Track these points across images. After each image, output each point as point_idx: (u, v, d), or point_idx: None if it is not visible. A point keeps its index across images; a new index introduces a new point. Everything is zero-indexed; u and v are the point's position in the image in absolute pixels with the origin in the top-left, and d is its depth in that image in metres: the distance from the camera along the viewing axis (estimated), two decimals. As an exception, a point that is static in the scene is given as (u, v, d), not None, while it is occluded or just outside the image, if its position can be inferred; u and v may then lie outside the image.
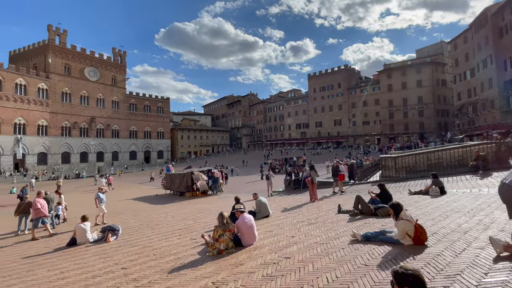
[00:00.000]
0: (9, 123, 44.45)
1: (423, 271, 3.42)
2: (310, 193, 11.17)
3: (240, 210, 6.21)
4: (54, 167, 49.53)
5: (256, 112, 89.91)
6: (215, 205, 12.68)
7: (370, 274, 3.60)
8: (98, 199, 10.35)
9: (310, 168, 11.51)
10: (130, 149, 64.73)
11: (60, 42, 52.67)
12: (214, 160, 57.80)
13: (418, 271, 2.16)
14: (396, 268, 2.20)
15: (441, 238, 4.69)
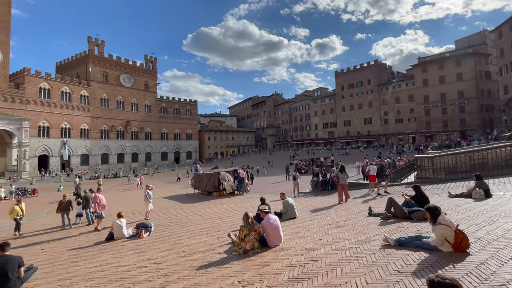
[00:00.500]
0: (56, 127, 49.18)
1: (463, 280, 3.15)
2: (339, 194, 10.82)
3: (265, 211, 6.21)
4: (96, 167, 53.74)
5: (281, 112, 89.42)
6: (241, 205, 12.83)
7: (403, 282, 3.39)
8: (148, 196, 11.15)
9: (339, 169, 11.15)
10: (162, 150, 68.04)
11: (98, 52, 57.08)
12: (240, 161, 58.52)
13: (457, 281, 1.99)
14: (432, 276, 2.05)
15: (485, 245, 4.27)
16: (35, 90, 46.03)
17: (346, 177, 11.05)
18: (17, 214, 10.10)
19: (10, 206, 10.42)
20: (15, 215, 10.09)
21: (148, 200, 11.15)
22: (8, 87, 42.77)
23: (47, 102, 47.63)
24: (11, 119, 40.86)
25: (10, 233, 10.48)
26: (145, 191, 11.37)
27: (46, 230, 10.77)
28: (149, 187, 11.73)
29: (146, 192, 11.27)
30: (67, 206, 10.96)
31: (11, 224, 11.88)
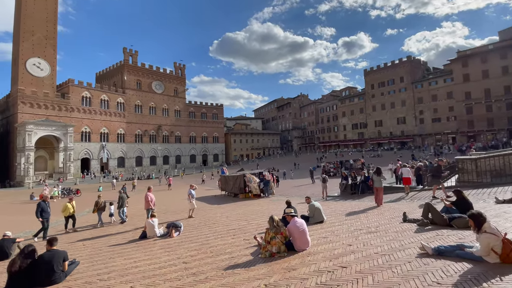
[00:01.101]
0: (96, 132, 53.38)
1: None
2: (375, 198, 10.36)
3: (291, 214, 6.11)
4: (131, 169, 57.30)
5: (307, 114, 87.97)
6: (266, 208, 12.79)
7: (444, 294, 3.12)
8: (190, 195, 11.73)
9: (375, 171, 10.66)
10: (190, 153, 70.57)
11: (132, 61, 61.04)
12: (265, 163, 58.52)
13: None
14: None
15: (544, 258, 3.76)
16: (78, 98, 50.50)
17: (383, 180, 10.50)
18: (69, 212, 10.94)
19: (63, 204, 11.26)
20: (68, 213, 10.93)
21: (191, 199, 11.71)
22: (56, 97, 47.43)
23: (89, 109, 51.94)
24: (58, 126, 45.18)
25: (59, 229, 11.49)
26: (189, 191, 11.97)
27: (87, 227, 11.67)
28: (193, 187, 12.34)
29: (190, 191, 11.87)
30: (101, 206, 11.82)
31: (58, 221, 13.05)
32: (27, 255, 5.17)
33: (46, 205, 9.96)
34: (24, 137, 41.37)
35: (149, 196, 10.70)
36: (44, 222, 9.76)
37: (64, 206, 10.98)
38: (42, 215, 9.70)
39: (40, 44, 45.90)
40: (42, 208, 9.77)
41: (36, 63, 45.29)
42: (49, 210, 10.07)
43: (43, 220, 9.71)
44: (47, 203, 10.19)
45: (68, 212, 10.89)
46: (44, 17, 46.65)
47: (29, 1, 45.08)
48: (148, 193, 10.83)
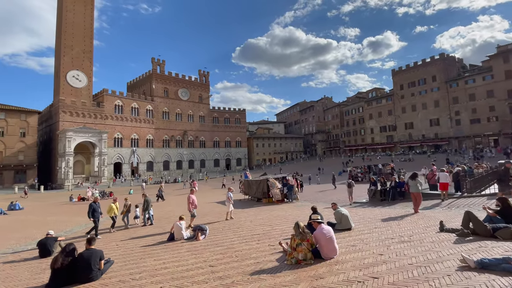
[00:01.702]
0: (127, 138, 56.57)
1: None
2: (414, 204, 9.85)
3: (318, 220, 5.96)
4: (160, 173, 59.82)
5: (331, 116, 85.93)
6: (290, 213, 12.61)
7: (491, 313, 2.84)
8: (230, 198, 12.06)
9: (411, 176, 10.14)
10: (214, 157, 72.04)
11: (160, 70, 64.14)
12: (288, 167, 57.89)
13: None
14: None
15: None
16: (111, 107, 54.00)
17: (419, 185, 9.92)
18: (114, 212, 11.54)
19: (109, 205, 11.68)
20: (113, 213, 11.54)
21: (229, 201, 12.03)
22: (92, 106, 51.15)
23: (121, 116, 55.29)
24: (94, 132, 48.59)
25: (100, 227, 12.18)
26: (228, 193, 12.36)
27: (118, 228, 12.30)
28: (231, 190, 12.72)
29: (229, 194, 12.25)
30: (128, 209, 12.41)
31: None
32: (68, 253, 5.58)
33: (97, 206, 10.70)
34: (64, 143, 45.03)
35: (191, 198, 11.07)
36: (96, 221, 10.50)
37: (110, 206, 11.53)
38: (94, 215, 10.44)
39: (79, 58, 49.99)
40: (93, 208, 10.51)
41: (75, 75, 49.33)
42: (99, 210, 10.80)
43: (94, 219, 10.46)
44: (98, 203, 10.91)
45: (113, 212, 11.51)
46: (82, 33, 50.82)
47: (69, 19, 49.44)
48: (190, 195, 11.21)
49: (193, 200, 11.06)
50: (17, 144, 44.56)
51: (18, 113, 45.36)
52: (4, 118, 43.72)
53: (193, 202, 11.03)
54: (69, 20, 49.32)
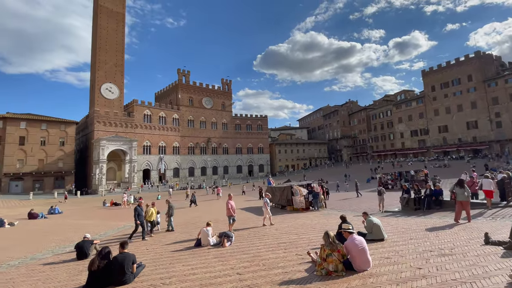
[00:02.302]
0: (155, 146, 59.16)
1: None
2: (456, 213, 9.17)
3: (348, 230, 5.70)
4: (186, 179, 61.59)
5: (357, 121, 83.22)
6: (317, 222, 12.23)
7: None
8: (266, 203, 12.12)
9: (457, 183, 9.46)
10: (237, 164, 72.76)
11: (185, 81, 66.76)
12: (312, 174, 56.66)
13: None
14: None
15: None
16: (141, 116, 56.98)
17: (467, 193, 9.19)
18: (153, 216, 11.83)
19: (149, 209, 11.71)
20: (153, 217, 11.65)
21: (266, 207, 12.09)
22: (123, 116, 54.35)
23: (149, 125, 58.09)
24: (125, 141, 51.43)
25: (126, 233, 12.75)
26: (264, 199, 12.49)
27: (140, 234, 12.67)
28: (268, 196, 12.80)
29: (265, 200, 12.35)
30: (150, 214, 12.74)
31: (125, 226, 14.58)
32: (104, 256, 5.85)
33: (141, 210, 11.14)
34: (98, 151, 48.14)
35: (229, 204, 11.14)
36: (142, 224, 10.92)
37: (150, 211, 11.72)
38: (138, 218, 10.87)
39: (111, 71, 53.66)
40: (138, 212, 10.94)
41: (108, 87, 52.92)
42: (143, 214, 11.22)
43: (139, 222, 10.83)
44: (141, 207, 11.33)
45: (153, 216, 11.76)
46: (114, 48, 54.62)
47: (103, 36, 53.45)
48: (229, 200, 11.31)
49: (232, 205, 11.15)
50: (57, 152, 48.44)
51: (58, 124, 49.45)
52: (46, 128, 47.84)
53: (232, 207, 11.11)
54: (103, 37, 53.30)
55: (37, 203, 30.73)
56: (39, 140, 46.89)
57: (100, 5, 53.54)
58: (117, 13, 55.79)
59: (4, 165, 43.12)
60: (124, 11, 57.68)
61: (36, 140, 46.54)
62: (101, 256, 5.86)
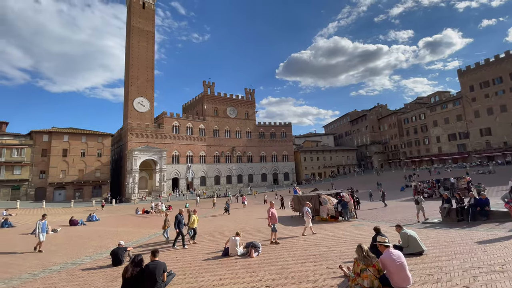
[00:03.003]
0: (183, 155, 61.29)
1: None
2: None
3: (385, 244, 5.31)
4: (212, 187, 62.76)
5: (387, 126, 79.35)
6: (348, 233, 11.63)
7: None
8: (307, 213, 11.85)
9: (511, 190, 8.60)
10: (261, 172, 72.62)
11: (210, 92, 68.97)
12: (341, 183, 54.61)
13: None
14: None
15: None
16: (169, 127, 59.62)
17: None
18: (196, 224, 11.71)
19: (191, 216, 11.72)
20: (196, 224, 11.64)
21: (308, 216, 11.69)
22: (153, 127, 57.26)
23: (177, 136, 60.51)
24: (155, 151, 53.95)
25: (157, 240, 13.17)
26: (305, 208, 12.11)
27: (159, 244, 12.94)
28: (308, 205, 12.40)
29: (306, 209, 11.98)
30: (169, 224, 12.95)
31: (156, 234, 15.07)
32: (137, 264, 6.04)
33: (181, 217, 11.36)
34: (131, 161, 50.95)
35: (270, 211, 10.65)
36: (181, 232, 11.00)
37: (193, 218, 11.70)
38: (179, 226, 11.00)
39: (143, 86, 57.16)
40: (179, 220, 11.08)
41: (140, 101, 56.29)
42: (183, 222, 11.41)
43: (179, 230, 10.97)
44: (182, 215, 11.56)
45: (195, 223, 11.71)
46: (145, 65, 58.31)
47: (134, 54, 57.39)
48: (270, 208, 10.85)
49: (272, 213, 10.62)
50: (95, 163, 52.10)
51: (95, 136, 53.36)
52: (85, 141, 51.83)
53: (273, 215, 10.58)
54: (135, 55, 57.23)
55: (77, 211, 33.09)
56: (80, 152, 50.86)
57: (133, 25, 57.79)
58: (147, 32, 59.78)
59: (49, 176, 47.26)
60: (154, 30, 61.63)
61: (77, 152, 50.54)
62: (134, 263, 6.04)
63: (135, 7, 58.73)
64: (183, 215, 11.53)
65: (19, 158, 45.43)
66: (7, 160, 44.32)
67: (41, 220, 12.18)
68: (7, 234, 17.26)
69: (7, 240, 15.03)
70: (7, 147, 44.66)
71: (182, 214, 11.63)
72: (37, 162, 47.06)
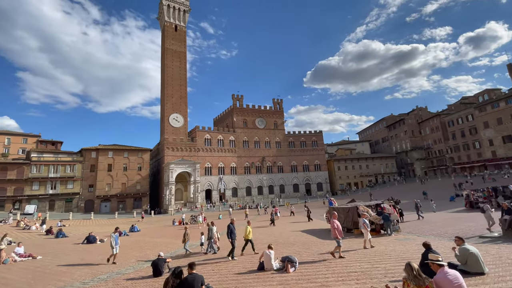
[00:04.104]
0: (215, 167, 62.91)
1: None
2: None
3: (439, 262, 4.76)
4: (244, 198, 63.16)
5: (429, 129, 73.49)
6: (392, 248, 10.72)
7: None
8: (365, 225, 11.37)
9: None
10: (293, 182, 71.26)
11: (239, 104, 70.66)
12: (380, 193, 51.26)
13: None
14: None
15: None
16: (202, 140, 61.93)
17: None
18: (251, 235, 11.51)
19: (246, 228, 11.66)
20: (251, 235, 11.45)
21: (366, 229, 11.21)
22: (187, 141, 59.94)
23: (209, 148, 62.51)
24: (189, 163, 56.17)
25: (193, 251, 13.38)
26: (362, 220, 11.61)
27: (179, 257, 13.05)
28: (366, 216, 11.83)
29: (363, 220, 11.51)
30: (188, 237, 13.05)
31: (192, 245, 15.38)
32: (177, 275, 6.18)
33: (233, 227, 11.30)
34: (168, 174, 53.59)
35: (335, 223, 9.90)
36: (233, 242, 10.85)
37: (248, 229, 11.51)
38: (231, 236, 10.92)
39: (177, 103, 60.64)
40: (231, 230, 11.00)
41: (175, 117, 59.62)
42: (235, 232, 11.23)
43: (232, 240, 10.87)
44: (233, 225, 11.49)
45: (250, 234, 11.46)
46: (179, 83, 62.04)
47: (169, 73, 61.44)
48: (333, 220, 10.20)
49: (337, 225, 9.87)
50: (135, 176, 55.78)
51: (136, 151, 57.35)
52: (127, 156, 55.94)
53: (338, 227, 9.78)
54: (169, 74, 61.26)
55: (121, 222, 35.38)
56: (122, 166, 54.95)
57: (167, 47, 62.26)
58: (180, 53, 63.88)
59: (97, 189, 51.57)
60: (186, 50, 65.66)
61: (120, 167, 54.67)
62: (175, 275, 6.20)
63: (168, 31, 63.40)
64: (233, 225, 11.22)
65: (72, 174, 50.43)
66: (62, 175, 49.45)
67: (114, 233, 12.38)
68: (62, 244, 18.97)
69: (62, 250, 16.48)
70: (61, 164, 49.98)
71: (234, 223, 11.32)
72: (86, 177, 51.75)
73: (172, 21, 64.49)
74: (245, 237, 11.49)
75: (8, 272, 10.62)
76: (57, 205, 48.63)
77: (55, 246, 17.69)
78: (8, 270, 11.05)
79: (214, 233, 12.87)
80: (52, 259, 13.33)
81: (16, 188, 46.00)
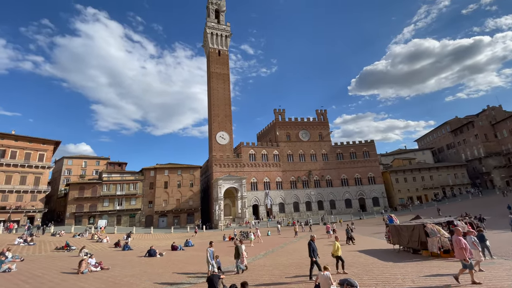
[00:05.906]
0: (261, 182, 63.16)
1: None
2: None
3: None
4: (292, 214, 61.57)
5: (508, 132, 62.78)
6: (481, 275, 9.00)
7: None
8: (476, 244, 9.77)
9: None
10: (345, 197, 66.91)
11: (281, 118, 70.84)
12: (450, 207, 44.70)
13: None
14: None
15: None
16: (247, 156, 63.27)
17: None
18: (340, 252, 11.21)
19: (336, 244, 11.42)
20: (340, 252, 11.12)
21: (477, 248, 9.61)
22: (233, 157, 61.89)
23: (254, 163, 63.37)
24: (236, 179, 57.58)
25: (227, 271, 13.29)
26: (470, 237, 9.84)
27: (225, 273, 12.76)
28: (473, 233, 10.22)
29: (472, 238, 9.87)
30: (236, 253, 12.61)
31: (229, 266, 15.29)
32: (231, 294, 6.12)
33: (314, 245, 10.95)
34: (217, 190, 55.70)
35: (462, 242, 8.36)
36: (316, 261, 10.43)
37: (336, 245, 11.21)
38: (313, 254, 10.55)
39: (223, 122, 63.80)
40: (313, 248, 10.63)
41: (221, 135, 62.56)
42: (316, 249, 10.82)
43: (315, 259, 10.47)
44: (314, 242, 11.05)
45: (339, 251, 11.13)
46: (223, 103, 65.55)
47: (214, 95, 65.49)
48: (459, 237, 8.65)
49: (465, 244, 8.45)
50: (188, 192, 59.32)
51: (188, 169, 61.29)
52: (180, 174, 60.11)
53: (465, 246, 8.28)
54: (215, 96, 65.27)
55: (176, 236, 37.50)
56: (176, 183, 59.12)
57: (212, 71, 66.91)
58: (223, 75, 67.94)
59: (155, 205, 56.17)
60: (229, 72, 69.53)
61: (174, 184, 58.91)
62: (229, 294, 6.15)
63: (212, 56, 68.31)
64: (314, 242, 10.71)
65: (134, 191, 56.11)
66: (126, 193, 55.37)
67: (209, 247, 12.50)
68: (127, 256, 20.80)
69: (128, 261, 18.01)
70: (126, 182, 56.10)
71: (314, 240, 10.80)
72: (146, 194, 56.95)
73: (216, 47, 69.42)
74: (333, 253, 10.87)
75: (85, 282, 11.95)
76: (123, 220, 54.21)
77: (122, 258, 19.48)
78: (86, 279, 12.44)
79: (243, 251, 12.97)
80: (121, 270, 14.64)
81: (91, 204, 52.91)
